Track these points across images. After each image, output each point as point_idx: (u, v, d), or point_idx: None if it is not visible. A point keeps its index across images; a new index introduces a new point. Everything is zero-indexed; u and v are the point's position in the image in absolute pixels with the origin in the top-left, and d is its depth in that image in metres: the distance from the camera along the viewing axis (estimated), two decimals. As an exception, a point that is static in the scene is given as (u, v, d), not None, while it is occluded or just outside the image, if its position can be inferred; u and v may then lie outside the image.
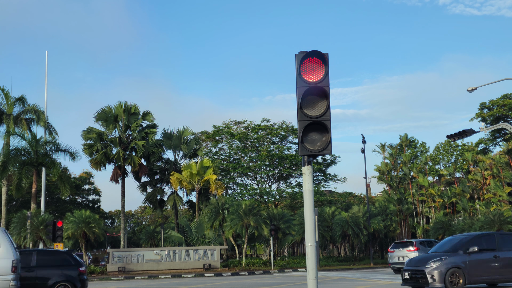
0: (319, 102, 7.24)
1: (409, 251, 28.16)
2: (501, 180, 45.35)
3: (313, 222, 7.25)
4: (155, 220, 72.15)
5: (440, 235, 43.20)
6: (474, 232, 17.87)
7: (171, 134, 45.28)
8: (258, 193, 51.86)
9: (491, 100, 54.66)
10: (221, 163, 51.77)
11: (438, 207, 50.81)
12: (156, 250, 33.65)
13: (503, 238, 16.41)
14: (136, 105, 40.86)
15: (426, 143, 66.84)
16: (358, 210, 42.93)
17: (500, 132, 55.01)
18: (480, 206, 46.65)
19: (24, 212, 33.58)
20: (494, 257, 15.66)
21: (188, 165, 41.96)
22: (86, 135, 39.43)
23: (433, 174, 57.02)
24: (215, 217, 36.36)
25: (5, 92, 37.66)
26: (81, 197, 63.05)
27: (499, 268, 15.67)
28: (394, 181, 54.04)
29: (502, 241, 16.21)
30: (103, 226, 35.87)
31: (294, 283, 21.69)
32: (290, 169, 53.07)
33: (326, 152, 7.20)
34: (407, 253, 28.04)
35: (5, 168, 32.25)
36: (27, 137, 34.20)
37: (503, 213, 36.68)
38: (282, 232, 38.17)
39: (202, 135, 54.64)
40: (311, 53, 7.18)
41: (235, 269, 33.42)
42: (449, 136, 26.10)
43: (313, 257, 7.22)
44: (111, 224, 78.60)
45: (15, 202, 52.08)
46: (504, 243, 16.20)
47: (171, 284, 22.91)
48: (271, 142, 53.98)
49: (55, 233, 29.25)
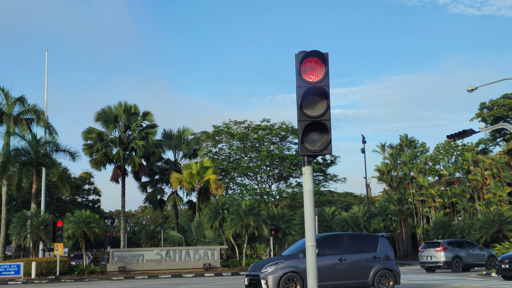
0: (319, 102, 7.25)
1: (436, 251, 28.69)
2: (501, 180, 45.35)
3: (313, 222, 7.26)
4: (155, 220, 72.15)
5: (440, 235, 43.24)
6: (325, 233, 16.51)
7: (171, 134, 45.30)
8: (258, 193, 51.86)
9: (491, 100, 54.68)
10: (221, 163, 51.78)
11: (438, 207, 50.83)
12: (156, 250, 33.66)
13: (352, 239, 15.21)
14: (136, 105, 40.90)
15: (426, 143, 66.89)
16: (358, 210, 42.95)
17: (500, 132, 55.01)
18: (480, 206, 46.66)
19: (24, 212, 33.61)
20: (339, 260, 14.43)
21: (188, 165, 41.98)
22: (86, 135, 39.44)
23: (433, 174, 57.02)
24: (215, 217, 36.37)
25: (5, 92, 37.69)
26: (81, 197, 63.06)
27: (345, 272, 14.38)
28: (394, 181, 54.06)
29: (351, 243, 15.02)
30: (103, 226, 35.86)
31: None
32: (290, 169, 53.07)
33: (326, 152, 7.21)
34: (434, 253, 28.64)
35: (5, 168, 32.29)
36: (27, 137, 34.25)
37: (503, 213, 36.68)
38: (282, 232, 38.17)
39: (202, 135, 54.66)
40: (311, 53, 7.19)
41: (235, 269, 33.43)
42: (449, 136, 26.11)
43: (313, 257, 7.23)
44: (111, 224, 78.58)
45: (15, 202, 52.10)
46: (352, 245, 15.02)
47: (171, 284, 22.92)
48: (271, 142, 53.99)
49: (55, 233, 29.27)
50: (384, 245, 15.18)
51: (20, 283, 26.79)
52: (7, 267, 29.00)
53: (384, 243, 15.23)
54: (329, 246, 14.81)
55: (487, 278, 22.54)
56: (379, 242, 15.18)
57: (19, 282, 27.01)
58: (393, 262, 15.20)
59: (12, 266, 29.12)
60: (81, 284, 25.21)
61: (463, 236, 39.83)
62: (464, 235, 39.57)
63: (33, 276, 28.87)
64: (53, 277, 28.97)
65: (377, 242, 15.19)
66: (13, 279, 28.30)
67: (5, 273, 28.77)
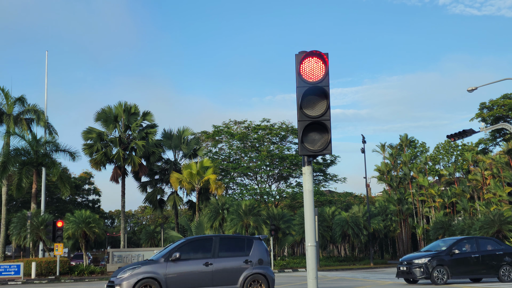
0: (319, 102, 7.25)
1: None
2: (501, 180, 45.33)
3: (313, 222, 7.25)
4: (155, 220, 72.18)
5: (440, 235, 43.22)
6: (194, 236, 15.29)
7: (171, 134, 45.32)
8: (258, 193, 51.86)
9: (491, 100, 54.65)
10: (221, 163, 51.78)
11: (438, 207, 50.81)
12: (156, 250, 33.63)
13: (222, 242, 14.06)
14: (136, 105, 40.94)
15: (426, 143, 66.92)
16: (358, 210, 42.95)
17: (500, 132, 55.00)
18: (480, 206, 46.63)
19: (24, 212, 33.61)
20: (205, 264, 13.41)
21: (188, 165, 41.98)
22: (86, 135, 39.45)
23: (433, 174, 57.02)
24: (215, 217, 36.39)
25: (5, 92, 37.68)
26: (81, 197, 63.07)
27: (211, 277, 13.34)
28: (394, 181, 54.05)
29: (221, 246, 13.87)
30: (103, 226, 35.86)
31: (294, 283, 21.67)
32: (290, 169, 53.07)
33: (326, 152, 7.20)
34: None
35: (5, 168, 32.28)
36: (27, 137, 34.24)
37: (503, 213, 36.66)
38: (282, 232, 38.18)
39: (202, 135, 54.66)
40: (311, 53, 7.19)
41: (235, 269, 33.37)
42: (449, 136, 26.11)
43: (313, 257, 7.22)
44: (111, 224, 78.61)
45: (15, 202, 52.10)
46: (222, 248, 13.88)
47: (171, 284, 22.87)
48: (271, 142, 53.99)
49: (55, 233, 29.26)
50: (258, 248, 14.11)
51: (20, 283, 26.78)
52: (7, 267, 28.99)
53: (258, 246, 14.14)
54: (196, 250, 13.84)
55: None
56: (253, 245, 14.10)
57: (19, 282, 27.01)
58: (268, 266, 14.12)
59: (12, 266, 29.10)
60: (81, 284, 25.20)
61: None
62: (464, 235, 39.57)
63: (33, 276, 28.86)
64: (53, 277, 28.97)
65: (251, 245, 14.10)
66: (13, 279, 28.29)
67: (5, 273, 28.77)
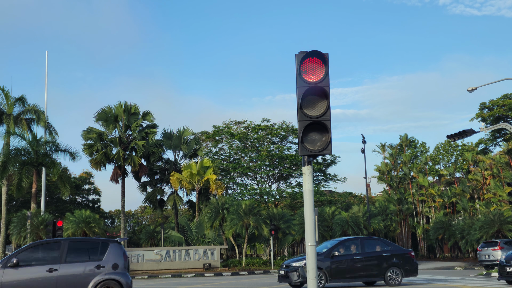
0: (319, 102, 7.25)
1: (493, 250, 30.16)
2: (501, 180, 45.35)
3: (313, 222, 7.26)
4: (155, 220, 72.14)
5: (440, 235, 43.25)
6: (52, 239, 13.88)
7: (171, 134, 45.31)
8: (258, 193, 51.86)
9: (491, 100, 54.65)
10: (221, 163, 51.78)
11: (438, 207, 50.83)
12: (156, 250, 33.66)
13: (71, 245, 12.67)
14: (136, 105, 40.91)
15: (426, 143, 66.91)
16: (358, 210, 42.96)
17: (500, 132, 55.00)
18: (480, 206, 46.66)
19: (24, 212, 33.60)
20: (49, 271, 11.95)
21: (188, 165, 41.99)
22: (86, 135, 39.45)
23: (433, 174, 57.03)
24: (215, 217, 36.38)
25: (5, 92, 37.66)
26: (81, 197, 63.04)
27: (55, 285, 11.91)
28: (394, 181, 54.07)
29: (70, 250, 12.53)
30: (103, 226, 35.88)
31: (294, 283, 21.65)
32: (290, 169, 53.07)
33: (326, 152, 7.21)
34: (492, 252, 30.09)
35: (5, 168, 32.25)
36: (27, 137, 34.20)
37: (503, 213, 36.70)
38: (282, 232, 38.19)
39: (202, 135, 54.65)
40: (311, 53, 7.19)
41: (235, 269, 33.43)
42: (449, 136, 26.12)
43: (313, 257, 7.23)
44: (111, 224, 78.56)
45: (15, 202, 52.10)
46: (72, 252, 12.55)
47: (171, 284, 22.92)
48: (271, 142, 53.98)
49: (55, 233, 29.25)
50: (114, 252, 12.84)
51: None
52: (7, 267, 28.94)
53: (115, 250, 12.89)
54: (40, 254, 12.44)
55: (487, 278, 22.55)
56: (108, 249, 12.83)
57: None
58: (124, 271, 12.80)
59: (12, 266, 29.05)
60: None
61: (463, 236, 39.84)
62: (464, 235, 39.57)
63: (33, 276, 28.83)
64: (53, 277, 28.94)
65: (105, 249, 12.82)
66: (13, 279, 28.26)
67: (5, 273, 28.73)
